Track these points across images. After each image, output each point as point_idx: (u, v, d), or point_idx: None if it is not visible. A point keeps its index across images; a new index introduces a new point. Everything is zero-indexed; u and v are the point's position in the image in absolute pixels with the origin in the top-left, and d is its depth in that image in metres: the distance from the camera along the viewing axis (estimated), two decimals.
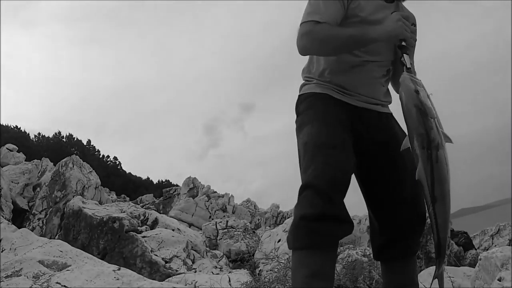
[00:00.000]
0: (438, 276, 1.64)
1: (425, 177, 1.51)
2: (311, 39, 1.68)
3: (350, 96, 1.81)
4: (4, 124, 36.37)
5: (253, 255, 8.02)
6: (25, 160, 13.22)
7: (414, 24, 1.92)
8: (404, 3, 1.93)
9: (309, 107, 1.79)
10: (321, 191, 1.53)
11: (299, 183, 1.66)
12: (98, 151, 41.78)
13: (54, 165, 13.01)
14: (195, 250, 6.78)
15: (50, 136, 41.24)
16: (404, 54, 1.63)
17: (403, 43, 1.65)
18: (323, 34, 1.67)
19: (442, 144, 1.50)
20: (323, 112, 1.75)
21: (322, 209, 1.50)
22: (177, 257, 6.07)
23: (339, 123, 1.73)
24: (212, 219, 12.38)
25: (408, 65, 1.62)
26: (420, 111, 1.50)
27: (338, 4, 1.73)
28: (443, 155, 1.51)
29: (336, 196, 1.54)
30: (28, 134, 39.15)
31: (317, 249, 1.51)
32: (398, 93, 1.70)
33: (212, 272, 6.08)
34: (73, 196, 9.49)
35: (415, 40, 1.76)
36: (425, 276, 3.66)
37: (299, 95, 1.89)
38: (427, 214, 1.69)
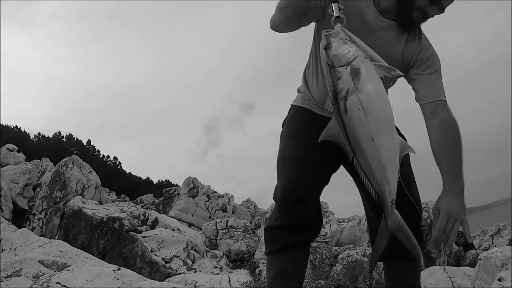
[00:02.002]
0: (395, 228, 1.48)
1: (341, 132, 1.46)
2: (276, 9, 1.71)
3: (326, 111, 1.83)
4: (4, 124, 36.35)
5: (253, 255, 8.01)
6: (25, 160, 13.20)
7: (423, 58, 1.72)
8: None
9: (288, 122, 1.92)
10: (282, 207, 1.74)
11: None
12: (98, 151, 41.76)
13: (54, 165, 13.00)
14: (195, 250, 6.78)
15: (50, 136, 41.23)
16: (333, 4, 1.53)
17: None
18: (280, 1, 1.69)
19: (357, 88, 1.40)
20: (296, 128, 1.86)
21: (282, 221, 1.73)
22: (177, 257, 6.07)
23: (308, 136, 1.77)
24: (212, 219, 12.37)
25: (337, 14, 1.52)
26: (330, 67, 1.44)
27: None
28: (356, 100, 1.40)
29: (296, 208, 1.72)
30: (28, 134, 39.12)
31: (279, 254, 1.75)
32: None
33: (212, 272, 6.08)
34: (73, 196, 9.48)
35: None
36: (425, 276, 3.66)
37: (290, 105, 1.98)
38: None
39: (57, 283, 3.15)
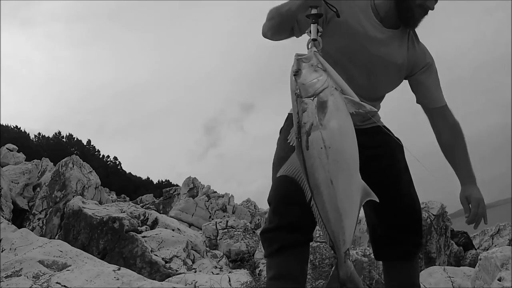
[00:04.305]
0: (345, 278, 1.38)
1: (301, 168, 1.34)
2: (265, 20, 1.72)
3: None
4: (4, 124, 36.34)
5: (253, 255, 8.01)
6: (25, 160, 13.20)
7: (426, 65, 1.85)
8: None
9: (285, 128, 1.91)
10: (275, 209, 1.77)
11: None
12: (98, 151, 41.75)
13: (54, 165, 13.00)
14: (195, 250, 6.78)
15: (50, 136, 41.22)
16: (312, 24, 1.47)
17: (313, 11, 1.49)
18: (270, 10, 1.69)
19: (322, 124, 1.28)
20: None
21: (275, 223, 1.75)
22: (177, 257, 6.07)
23: None
24: (212, 219, 12.37)
25: (314, 36, 1.45)
26: (295, 95, 1.33)
27: None
28: (319, 137, 1.28)
29: (289, 208, 1.73)
30: (28, 134, 39.12)
31: (276, 256, 1.75)
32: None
33: (212, 272, 6.08)
34: (73, 196, 9.48)
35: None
36: (425, 276, 3.66)
37: (288, 113, 1.97)
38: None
39: (57, 283, 3.15)
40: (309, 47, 1.45)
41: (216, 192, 15.89)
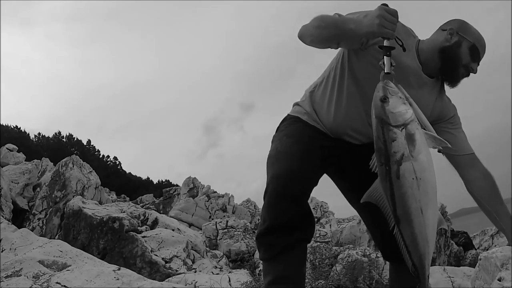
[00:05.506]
0: None
1: (385, 196, 1.39)
2: (311, 21, 1.66)
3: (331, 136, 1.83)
4: (4, 124, 36.28)
5: (253, 255, 8.02)
6: (25, 160, 13.19)
7: (453, 116, 1.86)
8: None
9: (286, 126, 1.89)
10: (270, 205, 1.66)
11: None
12: (98, 151, 41.69)
13: (54, 165, 12.99)
14: (195, 250, 6.78)
15: (50, 136, 41.18)
16: (385, 56, 1.49)
17: (385, 43, 1.49)
18: (321, 17, 1.65)
19: (412, 155, 1.35)
20: (296, 132, 1.83)
21: (271, 223, 1.66)
22: (177, 257, 6.07)
23: (308, 141, 1.78)
24: (212, 219, 12.37)
25: (387, 70, 1.47)
26: (382, 122, 1.37)
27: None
28: (411, 168, 1.35)
29: (287, 205, 1.64)
30: (28, 134, 39.05)
31: (274, 260, 1.68)
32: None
33: (212, 272, 6.08)
34: (73, 196, 9.48)
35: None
36: None
37: (287, 114, 1.95)
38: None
39: (57, 283, 3.15)
40: (382, 79, 1.45)
41: (216, 192, 15.89)
